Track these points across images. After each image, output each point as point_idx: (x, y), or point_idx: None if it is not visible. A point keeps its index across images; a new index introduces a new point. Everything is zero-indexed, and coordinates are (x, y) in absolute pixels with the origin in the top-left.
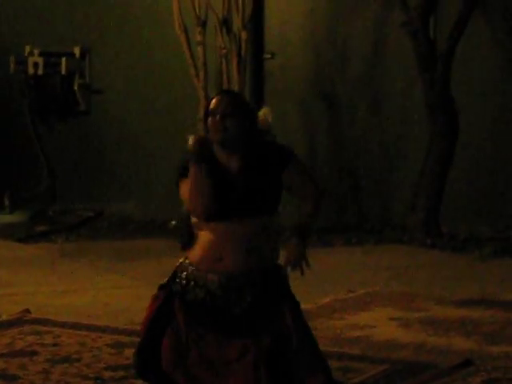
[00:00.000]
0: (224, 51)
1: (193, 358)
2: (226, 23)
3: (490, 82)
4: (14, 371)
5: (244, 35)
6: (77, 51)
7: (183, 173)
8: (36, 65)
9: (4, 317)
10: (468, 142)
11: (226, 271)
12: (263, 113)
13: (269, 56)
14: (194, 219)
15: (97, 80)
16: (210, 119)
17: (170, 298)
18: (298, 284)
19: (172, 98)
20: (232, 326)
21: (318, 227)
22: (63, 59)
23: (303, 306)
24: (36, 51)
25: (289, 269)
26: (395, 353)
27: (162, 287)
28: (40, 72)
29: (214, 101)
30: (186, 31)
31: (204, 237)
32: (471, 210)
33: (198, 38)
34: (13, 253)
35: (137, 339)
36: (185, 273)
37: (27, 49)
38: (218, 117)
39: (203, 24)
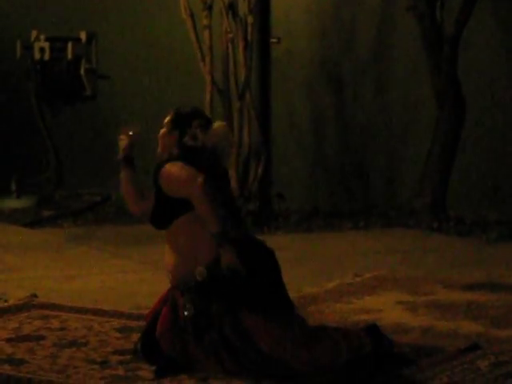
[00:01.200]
0: (230, 35)
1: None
2: (232, 7)
3: (497, 66)
4: (22, 355)
5: (250, 19)
6: (83, 36)
7: None
8: (42, 50)
9: (11, 301)
10: (475, 125)
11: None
12: (216, 127)
13: (275, 40)
14: None
15: (103, 65)
16: None
17: None
18: (304, 267)
19: (178, 82)
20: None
21: (324, 211)
22: (69, 44)
23: (310, 289)
24: (42, 36)
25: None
26: (402, 336)
27: None
28: (46, 57)
29: None
30: (192, 15)
31: None
32: (478, 194)
33: (204, 22)
34: (20, 238)
35: (144, 323)
36: None
37: (33, 34)
38: None
39: (209, 8)
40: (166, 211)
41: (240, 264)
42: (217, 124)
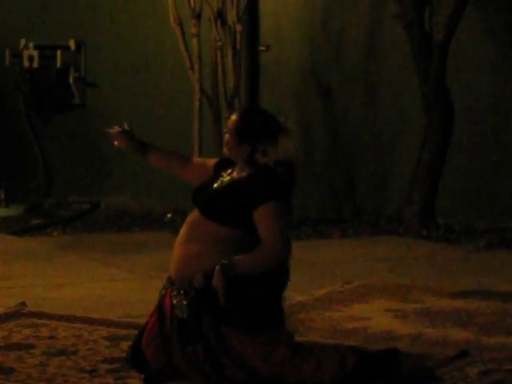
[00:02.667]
0: (219, 44)
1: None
2: (220, 16)
3: (486, 73)
4: (11, 364)
5: (239, 28)
6: (72, 44)
7: None
8: (31, 58)
9: (0, 310)
10: (463, 133)
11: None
12: (284, 140)
13: (264, 48)
14: None
15: (92, 73)
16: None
17: None
18: (294, 275)
19: (167, 90)
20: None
21: (314, 219)
22: (58, 52)
23: (300, 297)
24: (31, 44)
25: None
26: (391, 344)
27: None
28: (35, 65)
29: None
30: (180, 24)
31: None
32: (467, 201)
33: (193, 30)
34: (8, 246)
35: (133, 332)
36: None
37: (22, 42)
38: None
39: (198, 16)
40: (229, 212)
41: (223, 297)
42: (284, 136)
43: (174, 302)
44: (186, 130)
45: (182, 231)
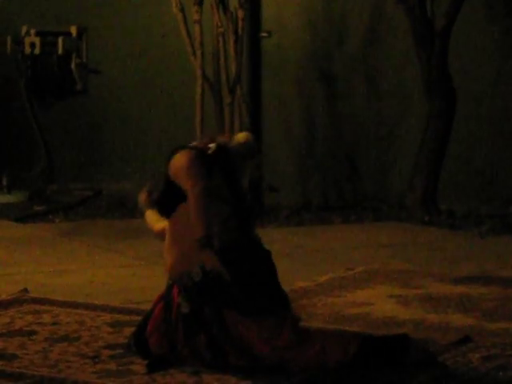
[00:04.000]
0: (221, 30)
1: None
2: (222, 2)
3: (487, 59)
4: (14, 351)
5: (240, 14)
6: (73, 31)
7: None
8: (33, 45)
9: (3, 296)
10: (465, 119)
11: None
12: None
13: (265, 34)
14: None
15: (94, 59)
16: None
17: None
18: (296, 262)
19: (169, 76)
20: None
21: (316, 205)
22: (60, 39)
23: (302, 283)
24: (33, 31)
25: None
26: (394, 330)
27: None
28: (37, 52)
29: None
30: (182, 10)
31: None
32: (469, 187)
33: (195, 16)
34: (11, 233)
35: (136, 318)
36: None
37: (24, 29)
38: None
39: (200, 3)
40: (171, 196)
41: (223, 269)
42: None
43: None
44: (188, 116)
45: (166, 240)
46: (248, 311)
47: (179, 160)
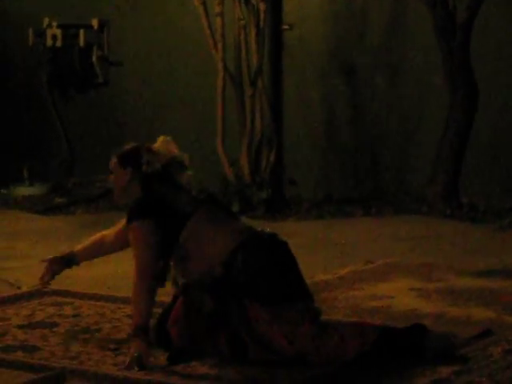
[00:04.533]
0: (242, 22)
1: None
2: None
3: (510, 52)
4: (35, 342)
5: (262, 6)
6: (95, 23)
7: None
8: (54, 37)
9: (24, 288)
10: (487, 112)
11: None
12: (160, 143)
13: (287, 27)
14: None
15: (115, 52)
16: None
17: None
18: (317, 254)
19: (190, 69)
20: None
21: (337, 198)
22: (81, 31)
23: (323, 276)
24: (54, 23)
25: None
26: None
27: None
28: (58, 44)
29: None
30: (204, 3)
31: None
32: (491, 180)
33: (217, 9)
34: (32, 225)
35: (156, 310)
36: None
37: (45, 21)
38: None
39: None
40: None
41: (147, 359)
42: (159, 139)
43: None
44: (210, 109)
45: None
46: (271, 300)
47: (136, 237)
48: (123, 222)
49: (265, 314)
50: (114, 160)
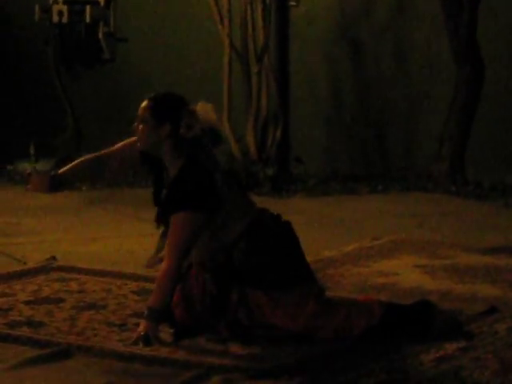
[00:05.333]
0: None
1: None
2: None
3: None
4: (41, 318)
5: None
6: None
7: None
8: (60, 13)
9: (30, 264)
10: (493, 90)
11: None
12: (201, 108)
13: (294, 3)
14: None
15: (121, 28)
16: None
17: None
18: (323, 231)
19: (196, 45)
20: None
21: (343, 175)
22: (87, 7)
23: (328, 253)
24: None
25: None
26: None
27: None
28: (64, 20)
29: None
30: None
31: None
32: (496, 158)
33: None
34: (38, 201)
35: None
36: None
37: None
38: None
39: None
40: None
41: (158, 340)
42: (200, 104)
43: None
44: (216, 85)
45: None
46: (273, 287)
47: (180, 224)
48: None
49: (267, 300)
50: (147, 107)
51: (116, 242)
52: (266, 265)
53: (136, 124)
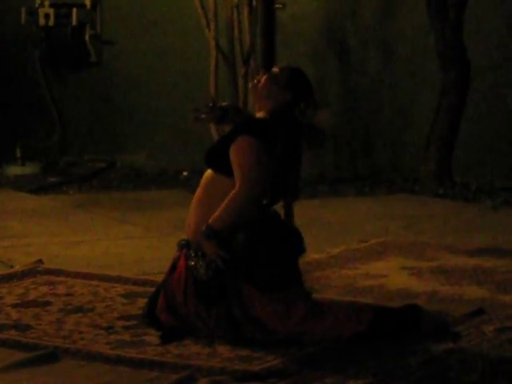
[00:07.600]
0: (235, 1)
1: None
2: None
3: (503, 31)
4: (28, 321)
5: None
6: (87, 2)
7: None
8: (47, 16)
9: (17, 267)
10: (480, 91)
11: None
12: (323, 112)
13: (280, 6)
14: None
15: (107, 31)
16: None
17: None
18: (310, 234)
19: (183, 48)
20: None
21: (330, 177)
22: (74, 10)
23: (316, 255)
24: (47, 2)
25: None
26: (407, 301)
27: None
28: (51, 23)
29: None
30: None
31: None
32: (483, 160)
33: None
34: (25, 204)
35: (149, 289)
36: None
37: (38, 0)
38: None
39: None
40: (222, 155)
41: (222, 262)
42: (323, 111)
43: (191, 263)
44: (203, 87)
45: (197, 192)
46: (268, 288)
47: (244, 149)
48: None
49: (259, 296)
50: (288, 73)
51: (103, 246)
52: (262, 264)
53: (266, 76)
